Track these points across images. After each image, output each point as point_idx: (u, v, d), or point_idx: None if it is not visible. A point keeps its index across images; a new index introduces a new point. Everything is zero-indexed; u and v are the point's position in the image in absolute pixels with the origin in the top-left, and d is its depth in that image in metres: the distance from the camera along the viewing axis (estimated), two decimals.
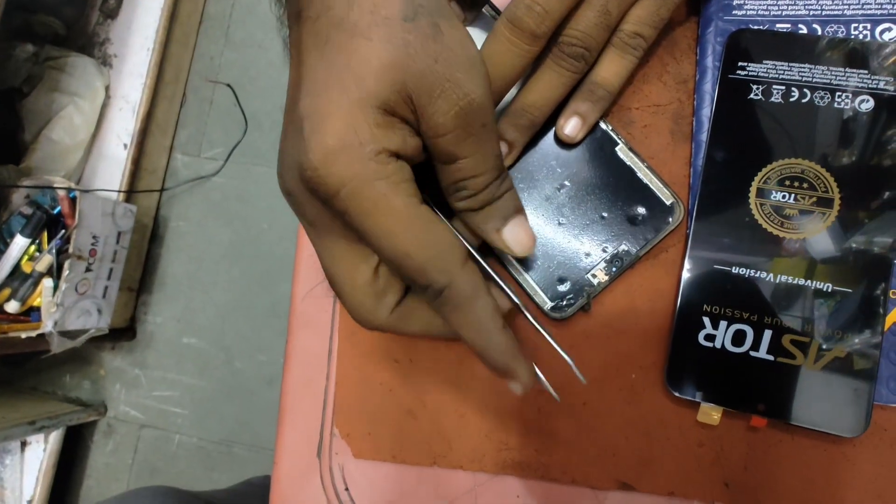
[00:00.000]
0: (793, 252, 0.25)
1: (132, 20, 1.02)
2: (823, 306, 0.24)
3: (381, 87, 0.18)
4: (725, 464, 0.25)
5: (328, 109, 0.18)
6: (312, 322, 0.30)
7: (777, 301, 0.25)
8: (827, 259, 0.24)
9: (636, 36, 0.24)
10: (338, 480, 0.28)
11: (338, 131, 0.18)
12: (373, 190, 0.19)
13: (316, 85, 0.19)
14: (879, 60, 0.25)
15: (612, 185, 0.27)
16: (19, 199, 0.85)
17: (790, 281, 0.25)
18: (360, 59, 0.18)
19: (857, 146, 0.25)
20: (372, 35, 0.18)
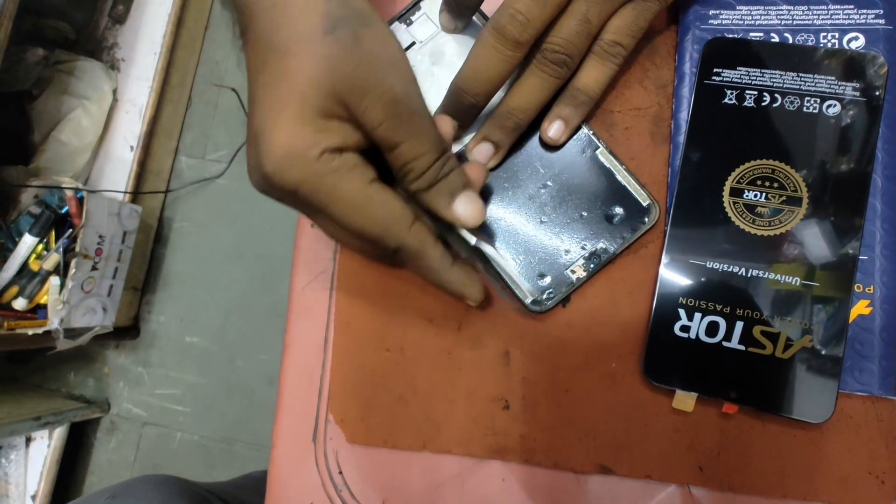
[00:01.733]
0: (763, 247, 0.26)
1: (140, 25, 1.05)
2: (792, 299, 0.25)
3: (314, 96, 0.21)
4: (700, 449, 0.27)
5: (274, 124, 0.21)
6: (310, 312, 0.31)
7: (748, 294, 0.26)
8: (795, 254, 0.26)
9: (615, 45, 0.26)
10: (332, 464, 0.30)
11: (284, 142, 0.21)
12: (323, 184, 0.22)
13: (262, 104, 0.21)
14: (845, 67, 0.26)
15: (593, 187, 0.29)
16: (28, 198, 0.87)
17: (761, 275, 0.26)
18: (292, 75, 0.21)
19: (825, 148, 0.26)
20: (298, 52, 0.21)
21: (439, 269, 0.25)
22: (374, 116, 0.22)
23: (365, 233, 0.23)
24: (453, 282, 0.26)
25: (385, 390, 0.30)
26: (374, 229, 0.23)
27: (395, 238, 0.24)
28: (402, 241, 0.24)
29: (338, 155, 0.22)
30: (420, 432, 0.29)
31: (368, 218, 0.23)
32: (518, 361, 0.29)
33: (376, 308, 0.30)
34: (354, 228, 0.23)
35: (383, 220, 0.23)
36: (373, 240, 0.23)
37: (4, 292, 0.85)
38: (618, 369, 0.28)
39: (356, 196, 0.22)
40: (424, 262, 0.25)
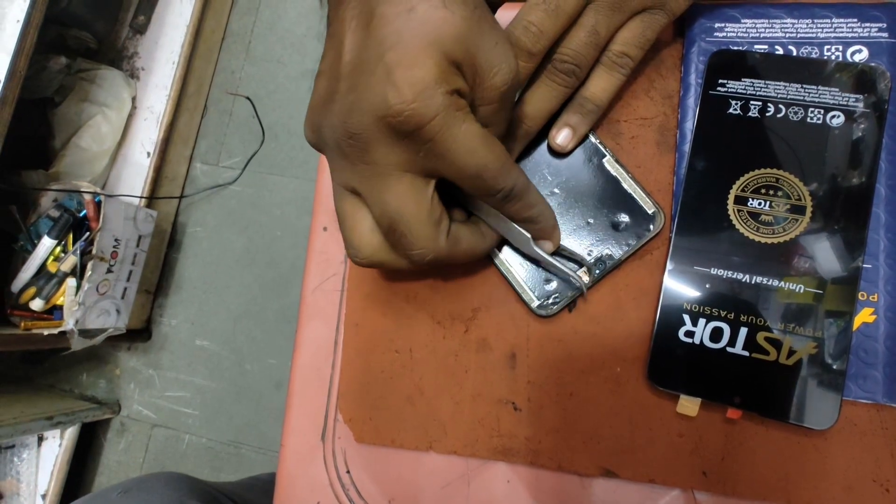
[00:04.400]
0: (767, 255, 0.26)
1: (159, 36, 1.07)
2: (796, 306, 0.26)
3: (456, 49, 0.22)
4: (704, 453, 0.27)
5: (416, 57, 0.21)
6: (321, 314, 0.32)
7: (752, 300, 0.26)
8: (800, 262, 0.26)
9: (623, 56, 0.27)
10: (340, 462, 0.30)
11: (428, 73, 0.21)
12: (455, 118, 0.22)
13: (400, 41, 0.21)
14: (849, 79, 0.27)
15: (599, 194, 0.29)
16: (47, 202, 0.89)
17: (765, 282, 0.26)
18: (442, 26, 0.21)
19: (829, 158, 0.26)
20: (455, 11, 0.22)
21: (541, 202, 0.27)
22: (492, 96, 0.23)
23: (488, 170, 0.23)
24: (549, 215, 0.28)
25: (393, 391, 0.30)
26: (496, 164, 0.23)
27: (510, 176, 0.24)
28: (516, 176, 0.25)
29: (462, 97, 0.23)
30: (427, 433, 0.29)
31: (491, 153, 0.23)
32: (524, 365, 0.29)
33: (385, 310, 0.31)
34: (479, 165, 0.23)
35: (502, 157, 0.24)
36: (492, 177, 0.24)
37: (23, 293, 0.87)
38: (622, 374, 0.28)
39: (480, 133, 0.23)
40: (529, 197, 0.26)
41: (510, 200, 0.25)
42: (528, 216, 0.27)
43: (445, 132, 0.22)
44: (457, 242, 0.26)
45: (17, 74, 0.77)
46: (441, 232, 0.25)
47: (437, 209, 0.25)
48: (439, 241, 0.25)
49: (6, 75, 0.75)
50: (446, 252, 0.25)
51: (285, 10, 1.17)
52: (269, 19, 1.17)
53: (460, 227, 0.26)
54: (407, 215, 0.24)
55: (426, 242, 0.24)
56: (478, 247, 0.27)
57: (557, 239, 0.28)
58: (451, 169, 0.23)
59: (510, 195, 0.25)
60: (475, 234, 0.27)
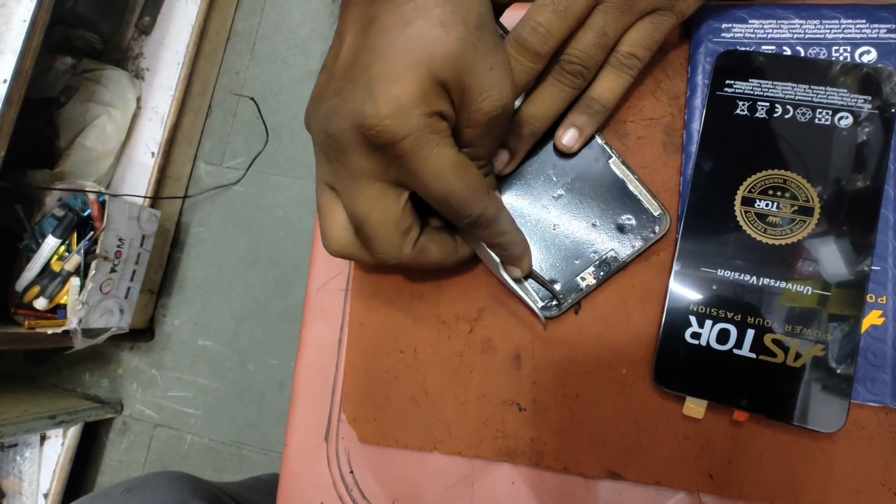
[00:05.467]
0: (775, 257, 0.26)
1: (165, 36, 1.08)
2: (803, 308, 0.26)
3: (444, 70, 0.22)
4: (710, 456, 0.27)
5: (399, 74, 0.21)
6: (325, 313, 0.32)
7: (759, 302, 0.26)
8: (807, 264, 0.26)
9: (631, 56, 0.27)
10: (343, 463, 0.30)
11: (409, 91, 0.21)
12: (429, 140, 0.22)
13: (389, 54, 0.22)
14: (857, 80, 0.27)
15: (605, 196, 0.29)
16: (52, 201, 0.90)
17: (772, 284, 0.26)
18: (435, 44, 0.21)
19: (837, 159, 0.26)
20: (451, 31, 0.22)
21: (511, 230, 0.27)
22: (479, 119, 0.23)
23: (455, 196, 0.24)
24: (518, 243, 0.27)
25: (397, 391, 0.30)
26: (465, 192, 0.24)
27: (479, 203, 0.24)
28: (486, 206, 0.25)
29: (442, 120, 0.23)
30: (431, 433, 0.29)
31: (461, 180, 0.23)
32: (529, 365, 0.29)
33: (390, 310, 0.31)
34: (444, 190, 0.23)
35: (473, 184, 0.24)
36: (460, 204, 0.24)
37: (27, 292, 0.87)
38: (628, 375, 0.28)
39: (452, 159, 0.23)
40: (498, 226, 0.26)
41: (477, 227, 0.25)
42: (496, 242, 0.27)
43: (416, 153, 0.22)
44: (424, 252, 0.26)
45: (23, 74, 0.77)
46: (407, 242, 0.25)
47: (407, 219, 0.25)
48: (403, 249, 0.25)
49: (12, 75, 0.76)
50: (410, 260, 0.26)
51: (290, 11, 1.17)
52: (273, 20, 1.18)
53: (432, 238, 0.27)
54: (373, 221, 0.24)
55: (390, 249, 0.25)
56: (447, 259, 0.28)
57: (526, 268, 0.28)
58: (419, 188, 0.24)
59: (477, 222, 0.25)
60: (446, 245, 0.27)
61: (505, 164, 0.29)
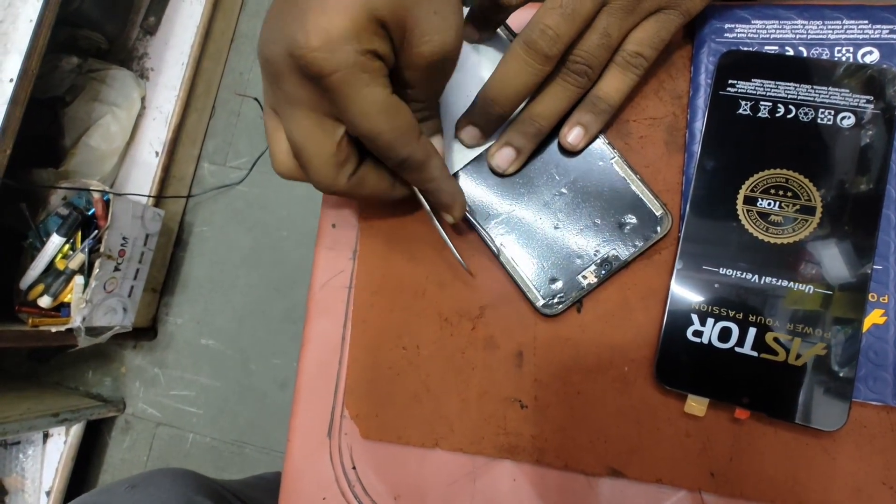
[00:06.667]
0: (777, 256, 0.26)
1: (169, 37, 1.08)
2: (805, 307, 0.26)
3: (383, 7, 0.21)
4: (711, 454, 0.27)
5: (335, 6, 0.21)
6: (328, 310, 0.32)
7: (761, 300, 0.26)
8: (809, 262, 0.26)
9: (637, 56, 0.27)
10: (346, 459, 0.30)
11: (341, 25, 0.21)
12: (359, 79, 0.22)
13: None
14: (860, 81, 0.27)
15: (607, 195, 0.29)
16: (57, 200, 0.90)
17: (774, 282, 0.26)
18: None
19: (839, 159, 0.26)
20: None
21: (440, 178, 0.27)
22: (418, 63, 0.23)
23: (382, 137, 0.24)
24: (447, 192, 0.27)
25: (400, 387, 0.30)
26: (391, 134, 0.24)
27: (406, 146, 0.24)
28: (412, 150, 0.25)
29: (378, 60, 0.23)
30: (433, 430, 0.29)
31: (388, 122, 0.23)
32: (531, 363, 0.29)
33: (393, 307, 0.31)
34: (370, 130, 0.23)
35: (401, 127, 0.24)
36: (385, 145, 0.24)
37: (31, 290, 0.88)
38: (630, 373, 0.28)
39: (384, 101, 0.23)
40: (427, 171, 0.26)
41: (404, 170, 0.26)
42: (425, 188, 0.27)
43: (344, 89, 0.22)
44: (361, 185, 0.27)
45: (29, 74, 0.78)
46: (342, 173, 0.26)
47: (343, 152, 0.25)
48: (339, 180, 0.26)
49: (18, 75, 0.76)
50: (346, 190, 0.26)
51: None
52: None
53: (371, 171, 0.27)
54: (308, 151, 0.24)
55: (325, 178, 0.25)
56: (384, 195, 0.28)
57: (457, 216, 0.28)
58: (347, 124, 0.24)
59: (404, 165, 0.25)
60: (383, 182, 0.28)
61: (510, 162, 0.29)
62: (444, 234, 0.29)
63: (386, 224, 0.32)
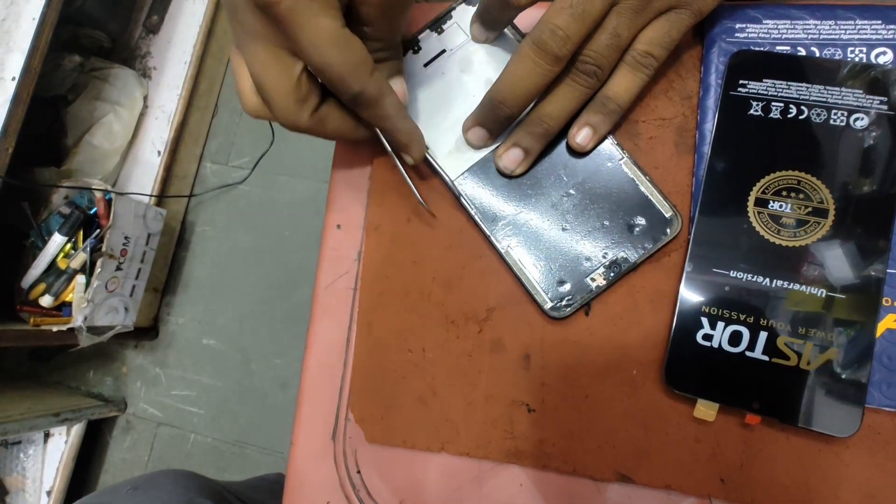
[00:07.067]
0: (788, 258, 0.26)
1: (172, 35, 1.08)
2: (817, 311, 0.25)
3: None
4: (721, 460, 0.26)
5: None
6: (333, 312, 0.32)
7: (772, 304, 0.26)
8: (821, 265, 0.26)
9: (647, 55, 0.26)
10: (350, 462, 0.30)
11: None
12: (307, 8, 0.22)
13: None
14: (873, 82, 0.26)
15: (615, 196, 0.29)
16: (59, 199, 0.90)
17: (785, 286, 0.26)
18: None
19: (852, 160, 0.26)
20: None
21: (394, 116, 0.27)
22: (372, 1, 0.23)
23: (332, 69, 0.23)
24: (403, 131, 0.27)
25: (405, 391, 0.30)
26: (342, 67, 0.24)
27: (358, 80, 0.24)
28: (365, 85, 0.25)
29: None
30: (439, 434, 0.29)
31: (340, 55, 0.23)
32: (538, 366, 0.29)
33: (399, 309, 0.31)
34: (320, 62, 0.23)
35: (352, 61, 0.24)
36: (336, 77, 0.24)
37: (32, 289, 0.87)
38: (638, 376, 0.28)
39: (334, 32, 0.23)
40: (380, 109, 0.26)
41: (359, 106, 0.26)
42: (381, 126, 0.27)
43: (292, 18, 0.22)
44: (323, 123, 0.27)
45: (31, 72, 0.77)
46: (304, 109, 0.25)
47: (304, 88, 0.25)
48: (300, 116, 0.25)
49: (21, 73, 0.76)
50: (309, 128, 0.26)
51: None
52: None
53: (333, 110, 0.27)
54: (268, 86, 0.24)
55: (287, 114, 0.25)
56: (348, 133, 0.28)
57: (416, 156, 0.28)
58: (301, 57, 0.24)
59: (357, 100, 0.25)
60: (347, 121, 0.27)
61: (518, 162, 0.29)
62: (407, 176, 0.29)
63: (391, 225, 0.32)
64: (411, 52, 0.32)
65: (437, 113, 0.31)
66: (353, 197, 0.33)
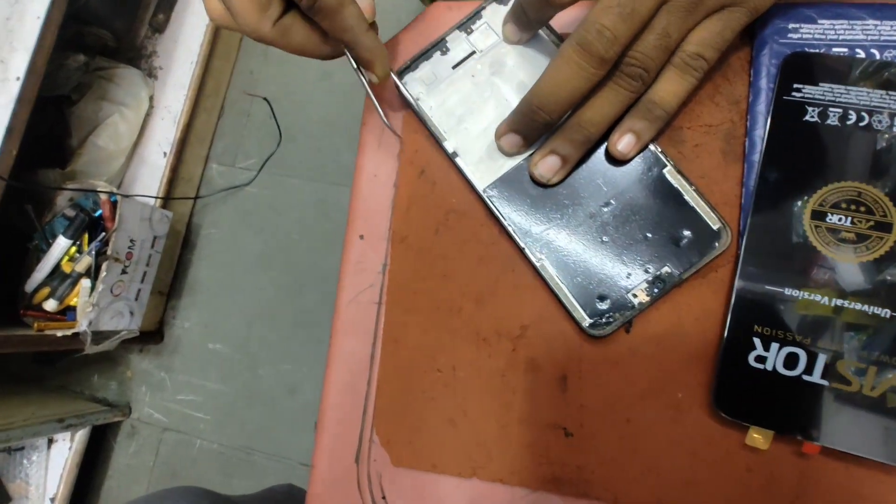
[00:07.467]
0: (849, 275, 0.24)
1: (178, 35, 1.07)
2: (881, 332, 0.24)
3: None
4: (775, 491, 0.25)
5: None
6: (356, 327, 0.30)
7: (832, 325, 0.24)
8: (886, 283, 0.24)
9: (698, 57, 0.25)
10: (375, 487, 0.28)
11: None
12: None
13: None
14: None
15: (658, 207, 0.27)
16: (63, 201, 0.88)
17: (846, 305, 0.24)
18: None
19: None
20: None
21: (355, 28, 0.26)
22: None
23: None
24: (366, 46, 0.27)
25: (434, 412, 0.28)
26: None
27: None
28: None
29: None
30: (470, 458, 0.27)
31: None
32: (576, 387, 0.27)
33: (427, 325, 0.29)
34: None
35: None
36: None
37: (36, 293, 0.86)
38: (684, 400, 0.26)
39: None
40: (340, 19, 0.25)
41: (316, 14, 0.25)
42: (343, 39, 0.26)
43: None
44: (287, 34, 0.26)
45: (36, 72, 0.76)
46: (266, 18, 0.25)
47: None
48: (262, 24, 0.25)
49: (25, 73, 0.75)
50: (273, 39, 0.26)
51: None
52: None
53: (297, 22, 0.26)
54: None
55: (248, 21, 0.25)
56: (313, 48, 0.27)
57: (380, 74, 0.28)
58: None
59: (314, 8, 0.25)
60: (312, 35, 0.27)
61: (555, 171, 0.27)
62: (373, 96, 0.29)
63: (419, 237, 0.30)
64: (439, 54, 0.30)
65: (467, 118, 0.30)
66: (377, 206, 0.31)
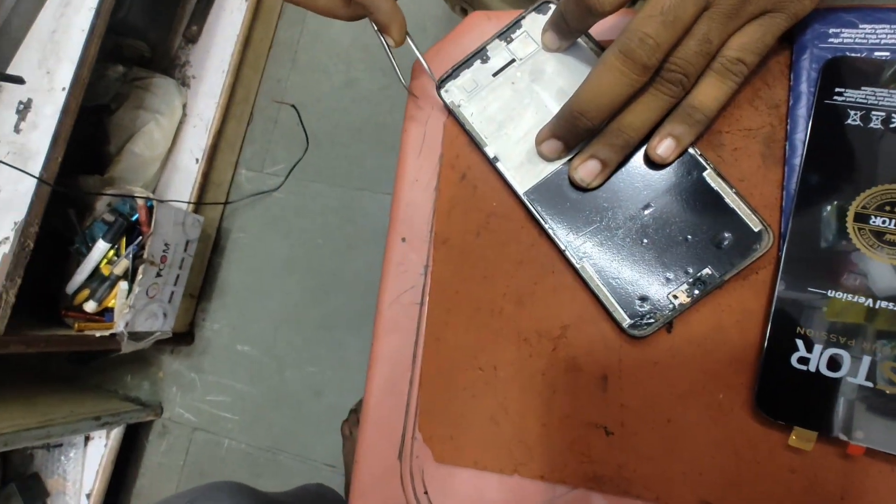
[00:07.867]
0: (893, 277, 0.24)
1: (210, 45, 1.10)
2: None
3: None
4: (819, 493, 0.25)
5: None
6: (398, 327, 0.31)
7: (875, 326, 0.24)
8: None
9: (738, 62, 0.25)
10: (417, 483, 0.29)
11: None
12: None
13: None
14: None
15: (699, 209, 0.27)
16: (102, 206, 0.92)
17: (890, 307, 0.24)
18: None
19: None
20: None
21: None
22: None
23: None
24: (383, 10, 0.28)
25: (476, 410, 0.29)
26: None
27: None
28: None
29: None
30: (512, 455, 0.28)
31: None
32: (616, 387, 0.28)
33: (468, 325, 0.30)
34: None
35: None
36: None
37: (77, 295, 0.89)
38: (725, 400, 0.26)
39: None
40: None
41: None
42: (362, 2, 0.28)
43: None
44: None
45: (80, 83, 0.79)
46: None
47: None
48: None
49: (70, 83, 0.78)
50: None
51: (331, 21, 1.18)
52: (315, 30, 1.19)
53: None
54: None
55: None
56: (337, 9, 0.29)
57: (396, 37, 0.30)
58: None
59: None
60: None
61: (595, 175, 0.28)
62: (391, 56, 0.31)
63: (460, 239, 0.31)
64: (479, 62, 0.31)
65: (507, 124, 0.30)
66: (419, 209, 0.32)
